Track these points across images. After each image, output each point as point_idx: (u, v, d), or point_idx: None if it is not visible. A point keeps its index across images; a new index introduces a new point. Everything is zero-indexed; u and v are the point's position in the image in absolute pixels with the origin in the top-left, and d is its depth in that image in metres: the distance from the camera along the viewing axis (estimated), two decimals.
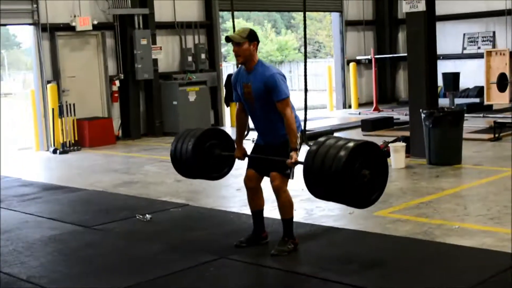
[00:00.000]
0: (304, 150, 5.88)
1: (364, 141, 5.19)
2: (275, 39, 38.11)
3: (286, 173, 5.62)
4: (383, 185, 5.21)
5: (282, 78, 5.58)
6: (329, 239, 6.16)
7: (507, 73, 17.86)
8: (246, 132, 6.10)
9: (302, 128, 5.83)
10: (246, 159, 6.00)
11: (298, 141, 5.76)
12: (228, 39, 5.62)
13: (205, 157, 6.12)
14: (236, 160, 6.09)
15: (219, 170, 6.29)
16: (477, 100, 17.85)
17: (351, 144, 4.99)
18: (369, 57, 18.88)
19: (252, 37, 5.59)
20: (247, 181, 5.92)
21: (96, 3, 14.38)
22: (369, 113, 17.31)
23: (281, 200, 5.70)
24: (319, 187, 5.09)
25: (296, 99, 6.30)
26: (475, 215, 6.78)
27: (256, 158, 5.88)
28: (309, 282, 5.04)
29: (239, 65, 5.81)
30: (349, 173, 4.90)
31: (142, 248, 6.22)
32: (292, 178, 5.70)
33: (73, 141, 13.53)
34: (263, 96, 5.57)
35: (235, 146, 6.06)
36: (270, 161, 5.67)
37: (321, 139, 5.24)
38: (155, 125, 15.04)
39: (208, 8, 16.43)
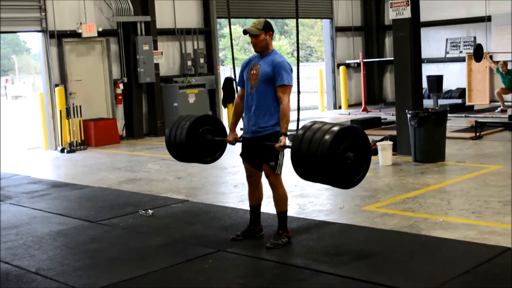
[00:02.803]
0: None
1: (348, 125, 5.13)
2: None
3: (270, 165, 5.55)
4: (366, 167, 5.13)
5: (290, 68, 5.57)
6: (321, 232, 6.13)
7: (487, 75, 17.92)
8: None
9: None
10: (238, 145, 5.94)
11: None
12: (245, 31, 5.62)
13: (198, 142, 6.10)
14: (229, 146, 6.08)
15: (211, 154, 6.28)
16: (459, 101, 17.89)
17: (335, 128, 4.94)
18: (357, 61, 18.86)
19: (267, 27, 5.62)
20: (247, 176, 5.91)
21: (101, 11, 14.34)
22: (358, 114, 17.32)
23: (277, 194, 5.68)
24: (306, 169, 5.03)
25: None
26: (458, 209, 6.76)
27: (247, 151, 5.81)
28: (302, 273, 5.01)
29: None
30: (334, 155, 4.86)
31: (144, 241, 6.18)
32: (279, 173, 5.59)
33: (79, 141, 13.51)
34: (266, 79, 5.54)
35: (228, 130, 6.04)
36: (259, 154, 5.61)
37: (308, 123, 5.18)
38: (157, 125, 15.02)
39: (206, 15, 16.40)
